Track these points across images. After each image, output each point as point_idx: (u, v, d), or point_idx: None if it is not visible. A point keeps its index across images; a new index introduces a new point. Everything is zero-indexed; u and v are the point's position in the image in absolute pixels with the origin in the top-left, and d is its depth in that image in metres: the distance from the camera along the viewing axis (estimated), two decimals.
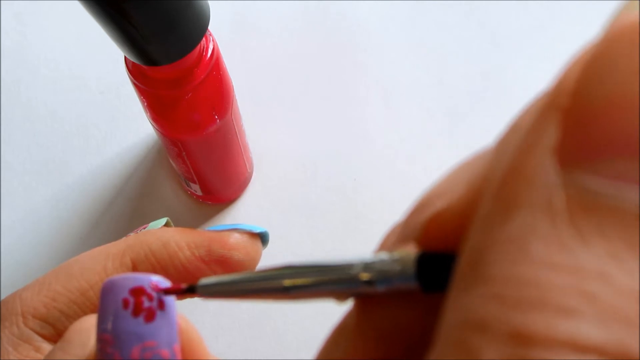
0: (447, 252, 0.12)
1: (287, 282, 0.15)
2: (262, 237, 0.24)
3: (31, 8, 0.49)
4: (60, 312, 0.22)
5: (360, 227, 0.43)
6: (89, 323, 0.19)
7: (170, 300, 0.17)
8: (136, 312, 0.17)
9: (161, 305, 0.17)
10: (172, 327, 0.17)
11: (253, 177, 0.44)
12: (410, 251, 0.13)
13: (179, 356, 0.17)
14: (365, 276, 0.13)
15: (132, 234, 0.24)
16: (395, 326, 0.13)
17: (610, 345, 0.09)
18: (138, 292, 0.17)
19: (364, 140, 0.45)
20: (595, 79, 0.09)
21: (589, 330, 0.09)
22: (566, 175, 0.10)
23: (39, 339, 0.21)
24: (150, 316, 0.17)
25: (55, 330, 0.22)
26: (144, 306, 0.17)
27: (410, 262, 0.13)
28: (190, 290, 0.17)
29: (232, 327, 0.41)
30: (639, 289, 0.09)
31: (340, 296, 0.14)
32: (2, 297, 0.27)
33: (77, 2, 0.27)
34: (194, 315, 0.41)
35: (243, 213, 0.44)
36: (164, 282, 0.18)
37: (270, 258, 0.42)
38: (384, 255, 0.13)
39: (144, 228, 0.26)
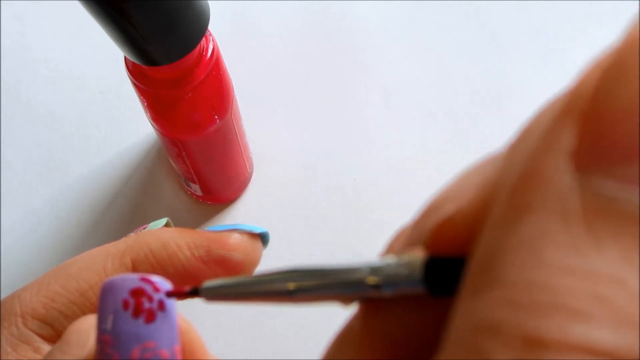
0: (455, 256, 0.12)
1: (292, 286, 0.14)
2: (263, 238, 0.24)
3: (31, 8, 0.49)
4: (59, 312, 0.22)
5: (360, 227, 0.43)
6: (87, 323, 0.19)
7: (171, 301, 0.17)
8: (136, 313, 0.17)
9: (161, 306, 0.17)
10: (173, 328, 0.17)
11: (253, 177, 0.44)
12: (418, 255, 0.13)
13: (179, 357, 0.17)
14: (372, 280, 0.13)
15: (132, 234, 0.24)
16: (401, 331, 0.13)
17: (622, 349, 0.09)
18: (138, 293, 0.17)
19: (364, 140, 0.45)
20: (615, 83, 0.09)
21: (601, 334, 0.09)
22: (582, 179, 0.10)
23: (38, 339, 0.21)
24: (150, 317, 0.17)
25: (54, 330, 0.22)
26: (144, 307, 0.17)
27: (418, 266, 0.13)
28: (193, 293, 0.17)
29: (232, 327, 0.41)
30: None
31: (346, 300, 0.14)
32: (2, 297, 0.27)
33: (77, 2, 0.27)
34: (194, 315, 0.41)
35: (243, 213, 0.44)
36: (164, 283, 0.17)
37: (270, 258, 0.42)
38: (391, 259, 0.13)
39: (144, 228, 0.26)
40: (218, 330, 0.41)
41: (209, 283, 0.17)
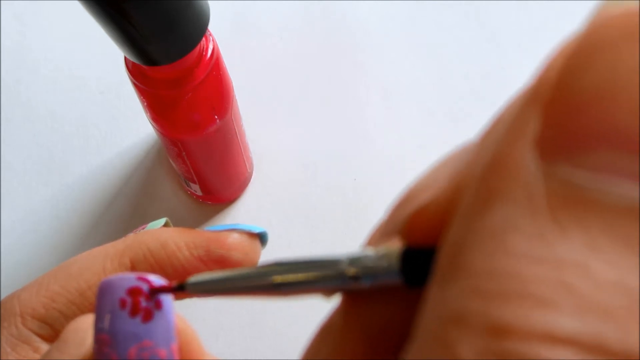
0: (430, 246, 0.12)
1: (276, 279, 0.15)
2: (261, 237, 0.24)
3: (31, 8, 0.49)
4: (59, 312, 0.22)
5: (360, 227, 0.43)
6: (85, 323, 0.19)
7: (168, 300, 0.17)
8: (133, 312, 0.17)
9: (158, 305, 0.17)
10: (170, 327, 0.17)
11: (253, 177, 0.44)
12: (394, 246, 0.13)
13: (177, 356, 0.17)
14: (351, 271, 0.13)
15: (131, 234, 0.24)
16: (383, 322, 0.13)
17: (586, 337, 0.09)
18: (135, 292, 0.17)
19: (364, 140, 0.45)
20: (577, 70, 0.09)
21: (565, 322, 0.09)
22: (547, 168, 0.10)
23: (38, 339, 0.21)
24: (147, 316, 0.17)
25: (53, 330, 0.22)
26: (142, 306, 0.17)
27: (395, 257, 0.13)
28: (180, 288, 0.17)
29: (232, 327, 0.41)
30: (617, 281, 0.09)
31: (328, 292, 0.14)
32: (2, 297, 0.27)
33: (77, 2, 0.27)
34: (194, 314, 0.41)
35: (243, 213, 0.44)
36: (161, 281, 0.17)
37: (270, 258, 0.42)
38: (369, 251, 0.13)
39: (143, 228, 0.26)
40: (218, 330, 0.41)
41: (194, 278, 0.17)
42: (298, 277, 0.14)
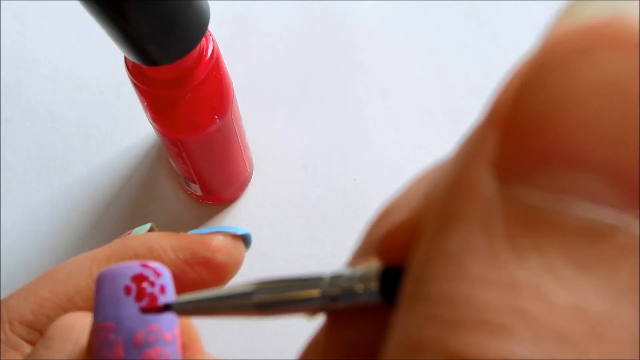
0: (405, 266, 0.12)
1: (257, 299, 0.15)
2: (245, 239, 0.25)
3: (31, 8, 0.49)
4: (47, 317, 0.22)
5: (360, 227, 0.43)
6: (70, 319, 0.19)
7: (170, 285, 0.18)
8: (139, 297, 0.17)
9: (163, 290, 0.17)
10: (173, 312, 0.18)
11: (253, 177, 0.44)
12: (373, 266, 0.13)
13: (179, 340, 0.18)
14: (331, 291, 0.13)
15: (117, 240, 0.24)
16: (364, 341, 0.13)
17: None
18: (140, 278, 0.17)
19: (364, 140, 0.45)
20: (531, 90, 0.09)
21: (521, 348, 0.09)
22: (504, 189, 0.09)
23: (26, 345, 0.21)
24: (152, 301, 0.17)
25: (42, 335, 0.22)
26: (147, 292, 0.17)
27: (372, 277, 0.13)
28: (166, 309, 0.17)
29: (232, 327, 0.41)
30: (574, 304, 0.09)
31: (310, 312, 0.14)
32: (2, 297, 0.27)
33: (77, 2, 0.27)
34: None
35: (243, 213, 0.44)
36: (163, 268, 0.18)
37: (270, 258, 0.42)
38: (348, 271, 0.13)
39: (129, 234, 0.27)
40: (218, 331, 0.41)
41: (179, 298, 0.17)
42: (280, 297, 0.14)
